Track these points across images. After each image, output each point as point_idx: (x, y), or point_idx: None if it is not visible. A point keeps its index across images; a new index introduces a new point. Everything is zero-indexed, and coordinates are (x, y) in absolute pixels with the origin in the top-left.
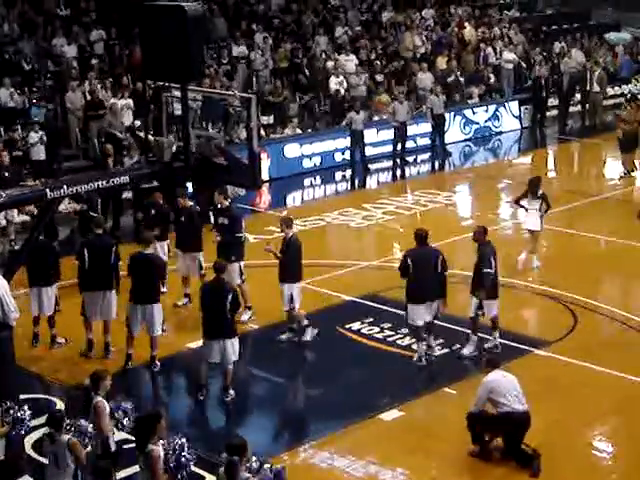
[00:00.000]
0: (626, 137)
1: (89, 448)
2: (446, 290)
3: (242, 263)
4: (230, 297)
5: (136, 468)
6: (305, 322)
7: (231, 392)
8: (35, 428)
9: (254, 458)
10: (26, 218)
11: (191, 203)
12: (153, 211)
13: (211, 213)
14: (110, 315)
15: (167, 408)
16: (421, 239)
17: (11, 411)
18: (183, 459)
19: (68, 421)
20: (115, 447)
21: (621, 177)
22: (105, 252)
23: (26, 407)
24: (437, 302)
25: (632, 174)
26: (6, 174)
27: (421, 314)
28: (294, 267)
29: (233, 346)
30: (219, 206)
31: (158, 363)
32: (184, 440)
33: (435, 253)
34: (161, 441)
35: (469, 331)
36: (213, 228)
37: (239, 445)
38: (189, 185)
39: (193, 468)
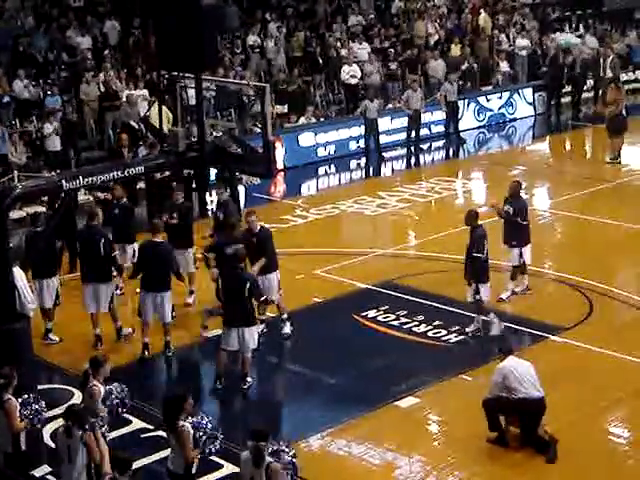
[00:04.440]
0: (611, 120)
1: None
2: None
3: (190, 250)
4: (248, 284)
5: (154, 457)
6: (285, 315)
7: (249, 380)
8: (52, 419)
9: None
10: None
11: (125, 200)
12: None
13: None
14: (105, 307)
15: None
16: (519, 190)
17: (28, 405)
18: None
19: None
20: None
21: (608, 163)
22: (94, 244)
23: (43, 403)
24: None
25: (617, 161)
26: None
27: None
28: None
29: (252, 334)
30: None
31: (172, 347)
32: (211, 418)
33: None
34: (189, 418)
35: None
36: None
37: (265, 432)
38: None
39: (213, 457)
